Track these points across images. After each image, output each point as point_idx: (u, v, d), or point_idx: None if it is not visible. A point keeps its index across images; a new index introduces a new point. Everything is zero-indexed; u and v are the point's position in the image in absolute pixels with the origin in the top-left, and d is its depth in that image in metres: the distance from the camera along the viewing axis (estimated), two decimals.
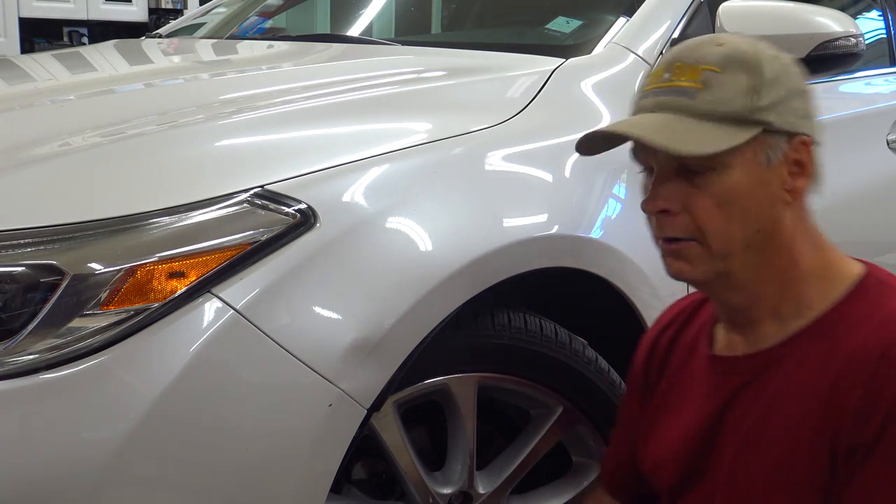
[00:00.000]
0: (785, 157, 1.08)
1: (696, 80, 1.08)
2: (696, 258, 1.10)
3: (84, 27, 5.28)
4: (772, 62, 1.08)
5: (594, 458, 1.63)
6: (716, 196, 1.07)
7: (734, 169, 1.06)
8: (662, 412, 1.26)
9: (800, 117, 1.08)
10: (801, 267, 1.10)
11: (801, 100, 1.09)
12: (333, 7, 2.96)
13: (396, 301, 1.28)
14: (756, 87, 1.06)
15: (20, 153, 1.35)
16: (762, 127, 1.06)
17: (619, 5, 2.03)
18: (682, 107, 1.08)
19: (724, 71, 1.07)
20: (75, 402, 1.11)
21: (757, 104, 1.06)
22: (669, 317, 1.32)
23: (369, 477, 1.57)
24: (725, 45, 1.09)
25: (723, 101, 1.06)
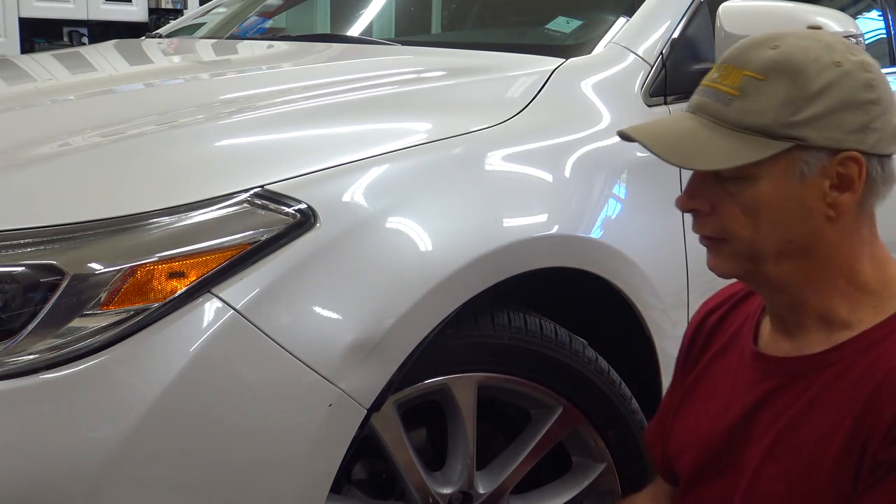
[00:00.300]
0: (824, 172, 1.03)
1: (735, 85, 1.05)
2: (726, 256, 1.09)
3: (84, 27, 5.28)
4: (825, 71, 1.02)
5: (594, 458, 1.63)
6: (742, 204, 1.05)
7: (762, 180, 1.04)
8: (694, 394, 1.25)
9: (850, 132, 1.02)
10: (854, 280, 1.08)
11: (855, 113, 1.02)
12: (333, 7, 2.96)
13: (396, 301, 1.28)
14: (794, 99, 1.02)
15: (20, 153, 1.35)
16: (795, 142, 1.02)
17: (619, 5, 2.03)
18: (715, 113, 1.06)
19: (767, 79, 1.03)
20: (75, 402, 1.11)
21: (790, 119, 1.02)
22: (719, 299, 1.30)
23: (369, 477, 1.57)
24: (779, 50, 1.04)
25: (754, 111, 1.03)
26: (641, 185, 1.66)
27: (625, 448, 1.62)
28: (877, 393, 1.01)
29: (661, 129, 1.12)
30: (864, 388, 1.03)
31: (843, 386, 1.05)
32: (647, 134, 1.11)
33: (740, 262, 1.09)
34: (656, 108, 1.78)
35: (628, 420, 1.61)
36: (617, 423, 1.61)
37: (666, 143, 1.08)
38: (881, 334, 1.05)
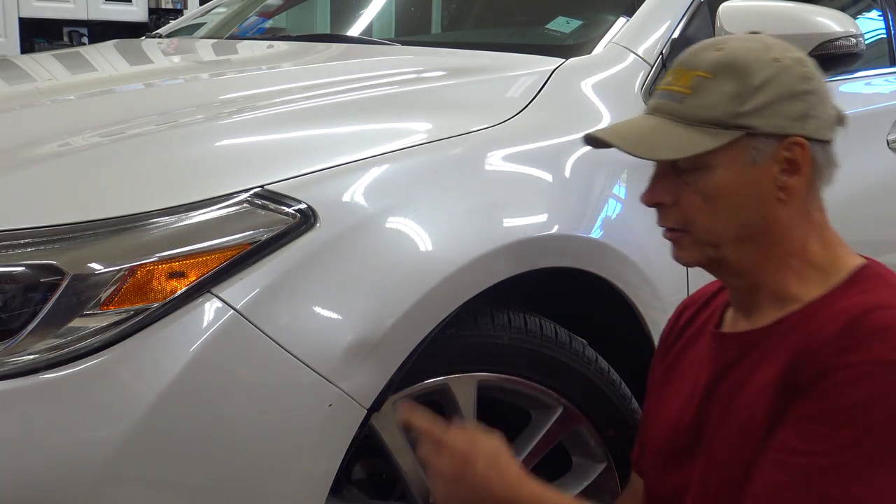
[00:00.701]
0: (774, 157, 1.13)
1: (687, 85, 1.15)
2: (688, 246, 1.18)
3: (84, 27, 5.28)
4: (765, 67, 1.13)
5: (594, 458, 1.63)
6: (702, 192, 1.14)
7: (718, 168, 1.13)
8: (666, 387, 1.32)
9: (793, 119, 1.13)
10: (803, 258, 1.16)
11: (795, 102, 1.13)
12: (333, 7, 2.96)
13: (396, 301, 1.28)
14: (740, 93, 1.12)
15: (20, 153, 1.35)
16: (744, 130, 1.12)
17: (619, 5, 2.03)
18: (672, 111, 1.15)
19: (715, 77, 1.13)
20: (75, 402, 1.11)
21: (738, 109, 1.12)
22: (695, 296, 1.39)
23: (369, 477, 1.57)
24: (723, 51, 1.15)
25: (706, 106, 1.13)
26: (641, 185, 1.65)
27: (625, 448, 1.62)
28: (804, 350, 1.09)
29: (625, 128, 1.21)
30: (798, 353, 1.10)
31: (780, 350, 1.13)
32: (613, 134, 1.21)
33: (702, 249, 1.17)
34: None
35: (628, 420, 1.61)
36: (617, 423, 1.61)
37: (631, 140, 1.17)
38: (823, 305, 1.13)
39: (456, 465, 1.17)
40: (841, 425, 1.03)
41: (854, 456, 1.02)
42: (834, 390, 1.04)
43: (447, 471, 1.17)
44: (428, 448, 1.20)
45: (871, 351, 1.04)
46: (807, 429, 1.05)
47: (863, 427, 1.02)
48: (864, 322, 1.06)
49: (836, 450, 1.03)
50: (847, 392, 1.03)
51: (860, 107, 2.42)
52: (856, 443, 1.02)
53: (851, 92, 2.40)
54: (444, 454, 1.18)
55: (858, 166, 2.21)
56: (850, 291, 1.12)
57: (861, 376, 1.03)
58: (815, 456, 1.03)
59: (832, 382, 1.04)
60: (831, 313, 1.10)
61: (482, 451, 1.17)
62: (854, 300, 1.10)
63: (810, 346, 1.09)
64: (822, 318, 1.10)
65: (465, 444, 1.17)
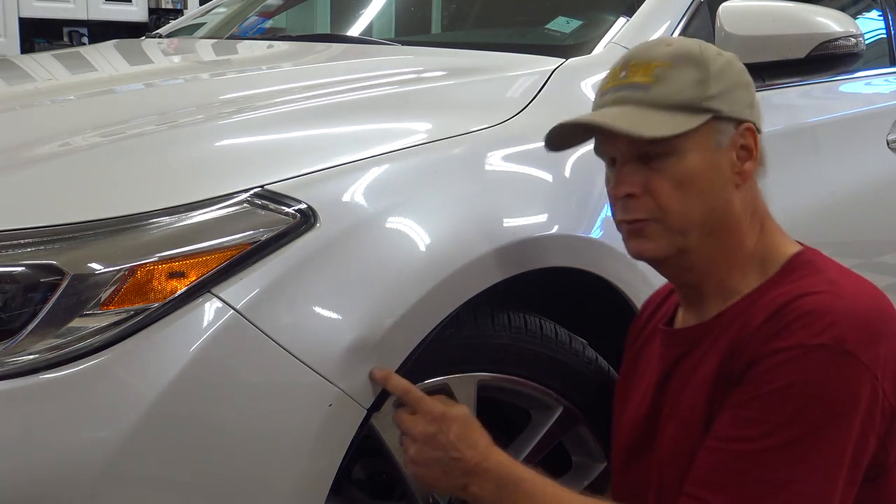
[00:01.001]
0: (733, 143, 1.18)
1: (648, 75, 1.19)
2: (657, 235, 1.19)
3: (84, 27, 5.28)
4: (716, 59, 1.19)
5: (594, 458, 1.63)
6: (674, 178, 1.17)
7: (689, 152, 1.16)
8: (629, 385, 1.37)
9: (745, 106, 1.20)
10: (746, 249, 1.20)
11: (745, 91, 1.20)
12: (333, 7, 2.96)
13: (396, 301, 1.28)
14: (703, 79, 1.17)
15: (20, 153, 1.35)
16: (712, 114, 1.16)
17: (619, 5, 2.03)
18: (638, 99, 1.18)
19: (674, 66, 1.18)
20: (75, 402, 1.11)
21: (705, 93, 1.16)
22: (651, 298, 1.44)
23: (369, 477, 1.57)
24: (674, 45, 1.21)
25: (674, 91, 1.17)
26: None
27: None
28: (736, 341, 1.13)
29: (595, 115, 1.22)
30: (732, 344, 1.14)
31: (720, 343, 1.17)
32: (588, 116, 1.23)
33: (671, 238, 1.19)
34: None
35: None
36: None
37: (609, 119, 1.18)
38: (758, 295, 1.17)
39: (429, 430, 1.21)
40: (768, 410, 1.07)
41: (781, 440, 1.06)
42: (761, 377, 1.08)
43: (420, 434, 1.22)
44: (402, 412, 1.25)
45: (794, 336, 1.07)
46: (738, 415, 1.09)
47: (787, 411, 1.06)
48: (790, 310, 1.09)
49: (764, 434, 1.06)
50: (772, 378, 1.07)
51: (860, 107, 2.42)
52: (781, 427, 1.06)
53: (851, 92, 2.40)
54: (418, 418, 1.23)
55: (858, 166, 2.21)
56: (783, 281, 1.16)
57: (784, 362, 1.07)
58: (746, 442, 1.07)
59: (759, 370, 1.08)
60: (762, 304, 1.13)
61: (455, 416, 1.22)
62: (784, 289, 1.13)
63: (741, 337, 1.13)
64: (754, 310, 1.14)
65: (438, 410, 1.23)
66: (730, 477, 1.08)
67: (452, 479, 1.21)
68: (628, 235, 1.23)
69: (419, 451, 1.22)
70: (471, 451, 1.20)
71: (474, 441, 1.21)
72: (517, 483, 1.19)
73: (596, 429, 1.60)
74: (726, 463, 1.09)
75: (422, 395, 1.25)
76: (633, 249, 1.23)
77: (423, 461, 1.22)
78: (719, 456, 1.10)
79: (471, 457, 1.20)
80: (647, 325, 1.39)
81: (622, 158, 1.21)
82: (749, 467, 1.07)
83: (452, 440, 1.20)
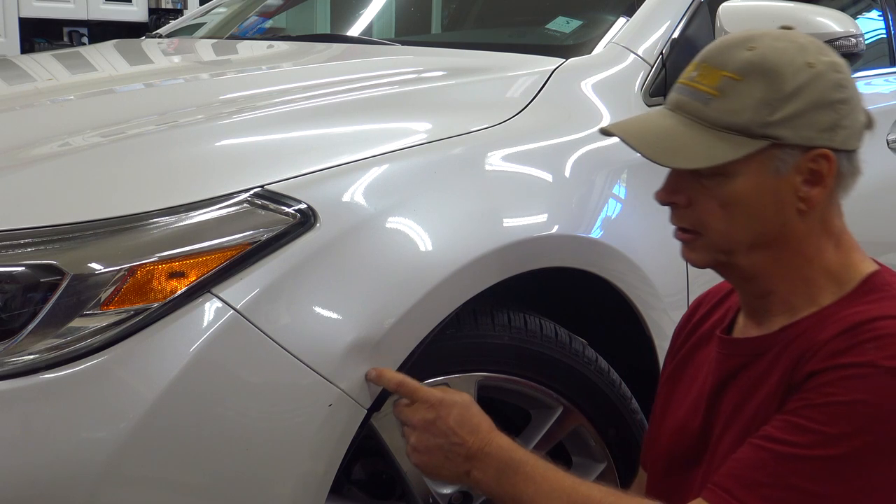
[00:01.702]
0: (798, 168, 1.09)
1: (713, 85, 1.09)
2: (699, 248, 1.15)
3: (84, 27, 5.28)
4: (799, 73, 1.07)
5: (594, 458, 1.63)
6: (720, 198, 1.11)
7: (739, 176, 1.09)
8: (674, 386, 1.31)
9: (822, 130, 1.08)
10: (815, 266, 1.13)
11: (826, 112, 1.08)
12: (333, 7, 2.96)
13: (396, 301, 1.28)
14: (770, 100, 1.07)
15: (20, 153, 1.35)
16: (770, 141, 1.07)
17: (619, 5, 2.03)
18: (695, 111, 1.11)
19: (744, 80, 1.08)
20: (75, 402, 1.11)
21: (767, 118, 1.07)
22: (708, 294, 1.36)
23: (369, 477, 1.57)
24: (755, 51, 1.09)
25: (732, 111, 1.08)
26: (641, 185, 1.66)
27: (625, 448, 1.62)
28: (801, 354, 1.08)
29: (644, 127, 1.17)
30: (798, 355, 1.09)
31: (784, 359, 1.11)
32: (631, 133, 1.16)
33: (714, 254, 1.14)
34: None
35: (628, 420, 1.61)
36: (617, 423, 1.61)
37: (650, 143, 1.13)
38: (830, 313, 1.11)
39: (428, 417, 1.20)
40: (823, 422, 1.02)
41: (828, 453, 1.01)
42: (822, 388, 1.04)
43: (419, 422, 1.20)
44: (401, 404, 1.24)
45: (866, 355, 1.02)
46: (790, 421, 1.05)
47: (843, 427, 1.01)
48: (865, 329, 1.04)
49: (813, 444, 1.02)
50: (833, 391, 1.03)
51: None
52: (833, 441, 1.01)
53: None
54: (417, 407, 1.21)
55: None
56: (859, 300, 1.10)
57: (850, 377, 1.02)
58: (791, 447, 1.03)
59: (822, 380, 1.04)
60: (835, 320, 1.08)
61: (454, 402, 1.20)
62: (860, 308, 1.08)
63: (808, 348, 1.08)
64: (825, 325, 1.08)
65: (436, 397, 1.21)
66: (764, 476, 1.04)
67: (454, 466, 1.19)
68: (679, 240, 1.18)
69: (419, 438, 1.20)
70: (472, 435, 1.18)
71: (475, 425, 1.19)
72: (518, 466, 1.16)
73: (596, 429, 1.60)
74: (764, 462, 1.05)
75: (417, 385, 1.23)
76: (682, 255, 1.18)
77: (425, 448, 1.20)
78: (760, 454, 1.05)
79: (472, 442, 1.18)
80: (700, 325, 1.32)
81: None
82: (787, 472, 1.03)
83: (452, 425, 1.18)
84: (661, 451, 1.29)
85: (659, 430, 1.31)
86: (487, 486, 1.18)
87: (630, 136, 1.15)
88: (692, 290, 1.70)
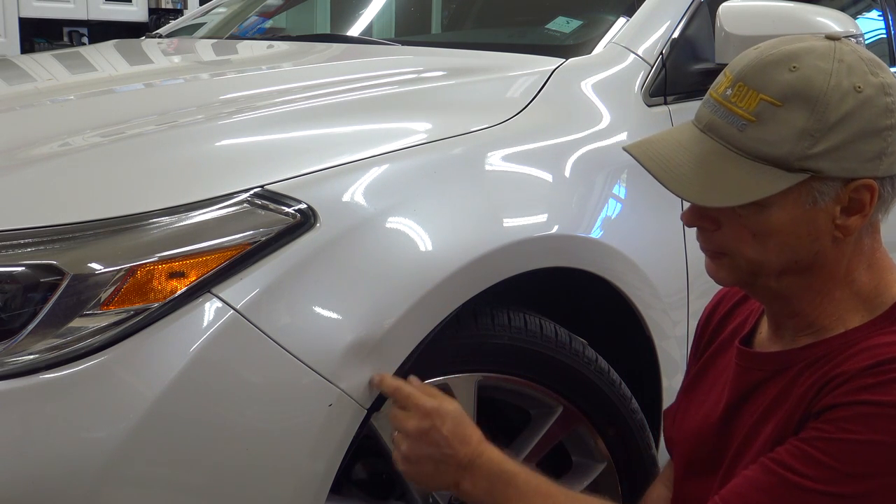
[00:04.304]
0: (837, 199, 1.03)
1: (750, 110, 1.02)
2: (727, 268, 1.11)
3: (84, 27, 5.28)
4: (845, 99, 1.00)
5: (594, 458, 1.63)
6: (752, 228, 1.05)
7: (774, 207, 1.03)
8: (696, 385, 1.29)
9: (866, 160, 1.01)
10: (849, 288, 1.09)
11: (872, 141, 1.00)
12: (333, 7, 2.96)
13: (396, 301, 1.27)
14: (812, 130, 0.99)
15: (20, 153, 1.35)
16: (809, 174, 1.01)
17: (619, 5, 2.03)
18: (728, 137, 1.04)
19: (784, 105, 1.00)
20: (75, 402, 1.11)
21: (807, 151, 1.00)
22: (726, 294, 1.32)
23: (369, 477, 1.57)
24: (797, 72, 1.01)
25: (770, 142, 1.01)
26: (641, 185, 1.66)
27: (625, 448, 1.62)
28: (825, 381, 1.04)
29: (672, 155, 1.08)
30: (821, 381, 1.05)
31: (808, 377, 1.08)
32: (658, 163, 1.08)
33: (742, 275, 1.10)
34: (656, 108, 1.78)
35: (628, 420, 1.61)
36: (617, 423, 1.61)
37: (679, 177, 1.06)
38: (857, 337, 1.06)
39: (423, 426, 1.19)
40: (839, 458, 0.99)
41: (840, 491, 0.98)
42: (842, 422, 1.00)
43: (413, 429, 1.20)
44: (395, 408, 1.23)
45: (892, 395, 0.98)
46: (804, 450, 1.02)
47: (859, 466, 0.98)
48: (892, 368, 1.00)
49: (825, 479, 0.99)
50: (854, 428, 0.99)
51: None
52: (847, 479, 0.98)
53: None
54: (411, 414, 1.20)
55: None
56: (888, 328, 1.06)
57: (873, 416, 0.98)
58: (802, 478, 1.00)
59: (843, 414, 1.00)
60: (862, 349, 1.04)
61: (448, 412, 1.20)
62: (888, 339, 1.04)
63: (833, 376, 1.04)
64: (853, 352, 1.04)
65: (431, 405, 1.20)
66: (769, 501, 1.02)
67: (444, 476, 1.19)
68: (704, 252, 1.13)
69: (411, 447, 1.20)
70: (464, 447, 1.18)
71: (467, 436, 1.19)
72: (509, 479, 1.16)
73: (596, 429, 1.60)
74: (772, 486, 1.02)
75: (411, 391, 1.23)
76: (708, 270, 1.14)
77: (416, 458, 1.20)
78: (769, 478, 1.02)
79: (464, 453, 1.17)
80: (723, 325, 1.29)
81: None
82: (789, 499, 1.00)
83: (446, 435, 1.18)
84: (681, 457, 1.28)
85: (680, 432, 1.30)
86: (478, 497, 1.18)
87: (657, 168, 1.07)
88: (692, 290, 1.70)
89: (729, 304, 1.30)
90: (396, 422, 1.23)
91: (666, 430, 1.37)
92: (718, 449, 1.19)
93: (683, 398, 1.33)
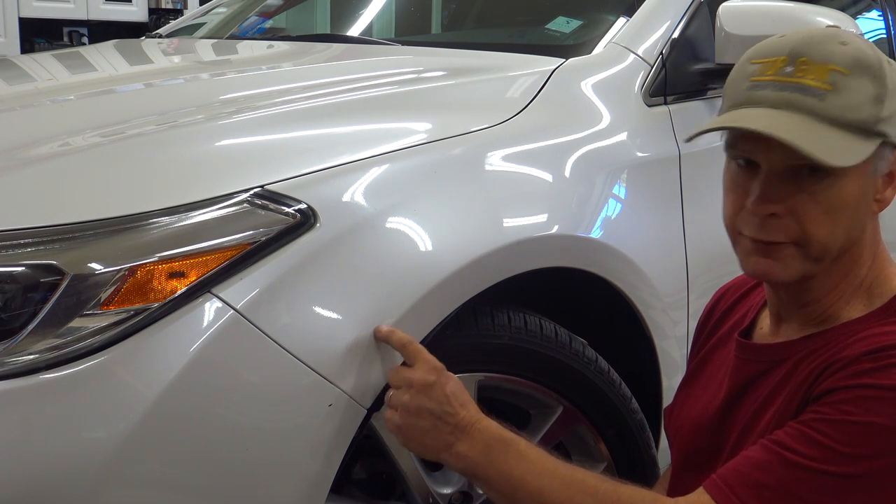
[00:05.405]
0: (888, 167, 1.06)
1: (824, 80, 1.02)
2: (790, 259, 1.07)
3: (84, 27, 5.28)
4: (892, 71, 1.04)
5: (594, 457, 1.63)
6: (825, 203, 1.04)
7: (848, 178, 1.03)
8: (695, 378, 1.30)
9: None
10: (859, 278, 1.10)
11: None
12: (333, 7, 2.96)
13: (397, 301, 1.28)
14: (880, 96, 1.02)
15: (20, 153, 1.35)
16: (882, 139, 1.03)
17: (619, 5, 2.03)
18: (811, 108, 1.02)
19: (853, 75, 1.02)
20: (75, 402, 1.11)
21: (880, 115, 1.02)
22: (734, 282, 1.32)
23: (369, 477, 1.57)
24: (850, 46, 1.03)
25: (852, 107, 1.01)
26: (641, 185, 1.66)
27: (625, 448, 1.62)
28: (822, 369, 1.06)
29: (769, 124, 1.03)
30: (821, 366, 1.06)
31: (806, 367, 1.09)
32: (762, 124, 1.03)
33: (804, 265, 1.07)
34: (656, 108, 1.78)
35: (628, 420, 1.61)
36: (617, 423, 1.61)
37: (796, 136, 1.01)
38: (858, 327, 1.08)
39: (429, 379, 1.19)
40: (838, 439, 1.00)
41: (839, 471, 0.99)
42: (842, 405, 1.01)
43: (419, 380, 1.20)
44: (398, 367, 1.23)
45: (890, 378, 0.99)
46: (802, 431, 1.03)
47: (858, 447, 0.99)
48: (891, 353, 1.01)
49: (824, 459, 1.00)
50: (854, 410, 1.00)
51: None
52: (846, 460, 0.99)
53: None
54: (418, 367, 1.21)
55: None
56: (886, 320, 1.07)
57: (873, 398, 0.99)
58: (801, 457, 1.01)
59: (843, 397, 1.01)
60: (862, 337, 1.05)
61: (453, 375, 1.21)
62: (887, 328, 1.05)
63: (832, 363, 1.05)
64: (851, 341, 1.06)
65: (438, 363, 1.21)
66: (768, 479, 1.02)
67: (439, 435, 1.17)
68: (754, 252, 1.09)
69: (413, 398, 1.19)
70: (463, 410, 1.18)
71: (468, 402, 1.20)
72: (510, 443, 1.16)
73: (596, 429, 1.60)
74: (771, 465, 1.03)
75: (420, 347, 1.23)
76: (756, 268, 1.10)
77: (416, 409, 1.18)
78: (768, 457, 1.03)
79: (463, 415, 1.18)
80: (724, 319, 1.29)
81: (771, 169, 1.05)
82: (791, 479, 1.01)
83: (448, 394, 1.18)
84: (680, 449, 1.29)
85: (678, 424, 1.30)
86: (472, 460, 1.16)
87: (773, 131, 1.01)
88: (692, 290, 1.70)
89: (730, 301, 1.30)
90: (401, 375, 1.21)
91: (666, 426, 1.38)
92: (716, 441, 1.19)
93: (681, 392, 1.33)
